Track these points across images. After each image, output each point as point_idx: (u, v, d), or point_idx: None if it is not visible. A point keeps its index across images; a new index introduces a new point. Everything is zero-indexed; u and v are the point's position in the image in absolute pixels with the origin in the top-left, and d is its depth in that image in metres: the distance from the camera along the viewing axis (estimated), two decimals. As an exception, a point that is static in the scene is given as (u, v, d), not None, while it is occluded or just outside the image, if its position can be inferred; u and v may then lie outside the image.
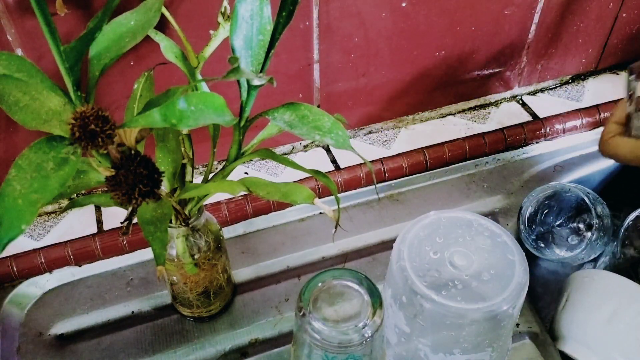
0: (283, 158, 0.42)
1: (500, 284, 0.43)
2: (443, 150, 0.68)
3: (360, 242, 0.63)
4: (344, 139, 0.38)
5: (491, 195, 0.68)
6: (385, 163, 0.66)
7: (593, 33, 0.75)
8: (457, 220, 0.47)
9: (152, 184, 0.34)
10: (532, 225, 0.64)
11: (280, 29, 0.37)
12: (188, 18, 0.53)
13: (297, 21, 0.57)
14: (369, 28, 0.61)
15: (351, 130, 0.71)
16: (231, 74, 0.33)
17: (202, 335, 0.54)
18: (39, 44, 0.50)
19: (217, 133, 0.46)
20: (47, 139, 0.32)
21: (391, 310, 0.46)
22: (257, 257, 0.61)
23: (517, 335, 0.54)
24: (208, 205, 0.61)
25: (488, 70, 0.72)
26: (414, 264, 0.44)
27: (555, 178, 0.70)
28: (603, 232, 0.60)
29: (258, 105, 0.41)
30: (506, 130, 0.71)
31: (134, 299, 0.57)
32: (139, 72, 0.46)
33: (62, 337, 0.55)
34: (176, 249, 0.48)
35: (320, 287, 0.42)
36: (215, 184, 0.43)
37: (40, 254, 0.57)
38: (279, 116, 0.39)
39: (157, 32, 0.43)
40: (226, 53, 0.38)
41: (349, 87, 0.66)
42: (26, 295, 0.57)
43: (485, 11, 0.65)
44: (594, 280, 0.53)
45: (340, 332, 0.39)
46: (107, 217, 0.62)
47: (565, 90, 0.79)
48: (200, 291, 0.52)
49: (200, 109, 0.32)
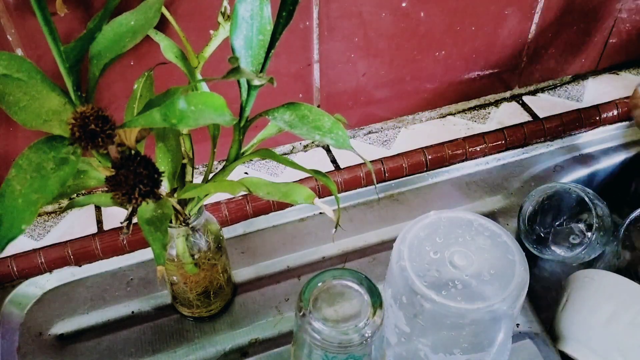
0: (283, 158, 0.42)
1: (500, 284, 0.43)
2: (443, 150, 0.68)
3: (360, 242, 0.63)
4: (344, 139, 0.38)
5: (491, 195, 0.68)
6: (385, 163, 0.66)
7: (593, 33, 0.75)
8: (457, 220, 0.47)
9: (152, 184, 0.34)
10: (532, 225, 0.64)
11: (280, 29, 0.37)
12: (188, 18, 0.53)
13: (297, 21, 0.57)
14: (369, 28, 0.61)
15: (351, 130, 0.71)
16: (231, 74, 0.33)
17: (202, 335, 0.54)
18: (39, 44, 0.50)
19: (217, 133, 0.46)
20: (47, 139, 0.32)
21: (391, 310, 0.46)
22: (257, 257, 0.61)
23: (517, 335, 0.54)
24: (208, 205, 0.61)
25: (488, 70, 0.72)
26: (414, 264, 0.44)
27: (555, 178, 0.70)
28: (603, 232, 0.60)
29: (258, 105, 0.41)
30: (506, 130, 0.71)
31: (134, 299, 0.57)
32: (139, 72, 0.46)
33: (62, 337, 0.55)
34: (176, 249, 0.48)
35: (320, 287, 0.42)
36: (215, 184, 0.43)
37: (40, 254, 0.57)
38: (279, 116, 0.39)
39: (157, 32, 0.43)
40: (226, 53, 0.38)
41: (349, 87, 0.66)
42: (26, 295, 0.57)
43: (485, 11, 0.65)
44: (594, 280, 0.53)
45: (340, 332, 0.39)
46: (107, 217, 0.62)
47: (565, 90, 0.79)
48: (200, 291, 0.52)
49: (200, 109, 0.32)
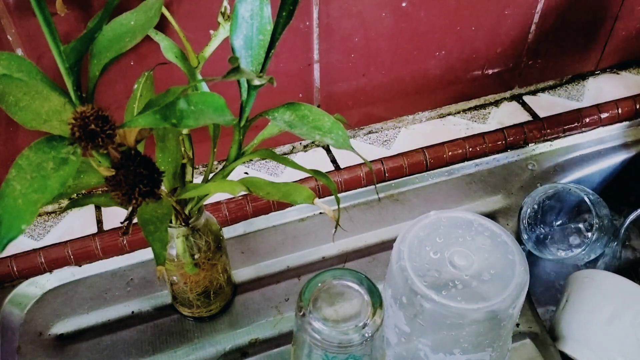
0: (283, 158, 0.42)
1: (500, 284, 0.43)
2: (443, 150, 0.68)
3: (360, 242, 0.63)
4: (344, 139, 0.38)
5: (491, 195, 0.68)
6: (385, 163, 0.66)
7: (593, 33, 0.75)
8: (457, 220, 0.47)
9: (152, 184, 0.34)
10: (532, 225, 0.64)
11: (280, 29, 0.37)
12: (188, 18, 0.53)
13: (297, 21, 0.57)
14: (369, 28, 0.61)
15: (351, 130, 0.71)
16: (231, 74, 0.33)
17: (202, 335, 0.54)
18: (39, 44, 0.50)
19: (217, 133, 0.46)
20: (47, 139, 0.32)
21: (391, 310, 0.46)
22: (257, 257, 0.61)
23: (517, 335, 0.54)
24: (208, 205, 0.61)
25: (488, 70, 0.72)
26: (414, 264, 0.44)
27: (555, 178, 0.70)
28: (603, 232, 0.60)
29: (258, 105, 0.41)
30: (506, 130, 0.71)
31: (134, 299, 0.57)
32: (139, 72, 0.46)
33: (62, 337, 0.55)
34: (176, 249, 0.48)
35: (320, 287, 0.42)
36: (215, 184, 0.43)
37: (40, 254, 0.57)
38: (279, 116, 0.39)
39: (157, 32, 0.43)
40: (226, 53, 0.38)
41: (349, 87, 0.66)
42: (26, 295, 0.57)
43: (485, 11, 0.65)
44: (594, 280, 0.53)
45: (340, 332, 0.39)
46: (107, 217, 0.62)
47: (565, 90, 0.79)
48: (200, 291, 0.52)
49: (200, 109, 0.32)
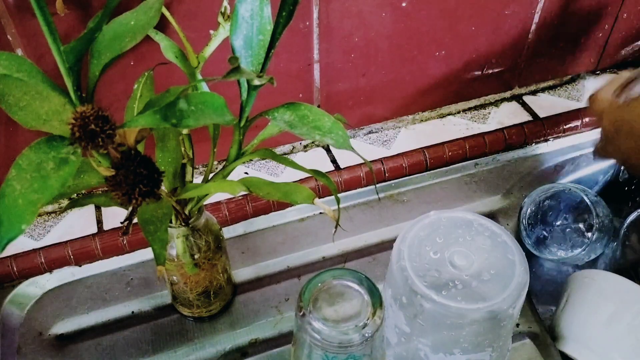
0: (283, 158, 0.42)
1: (500, 284, 0.43)
2: (443, 150, 0.68)
3: (360, 242, 0.63)
4: (344, 139, 0.38)
5: (491, 195, 0.68)
6: (385, 163, 0.66)
7: (593, 33, 0.75)
8: (457, 220, 0.47)
9: (152, 184, 0.34)
10: (532, 225, 0.64)
11: (280, 29, 0.37)
12: (188, 18, 0.53)
13: (297, 21, 0.57)
14: (369, 28, 0.61)
15: (351, 130, 0.71)
16: (231, 74, 0.33)
17: (202, 335, 0.54)
18: (39, 44, 0.50)
19: (217, 133, 0.46)
20: (47, 139, 0.32)
21: (391, 310, 0.46)
22: (257, 257, 0.61)
23: (517, 335, 0.54)
24: (208, 205, 0.61)
25: (488, 70, 0.72)
26: (414, 264, 0.44)
27: (555, 178, 0.70)
28: (603, 232, 0.60)
29: (258, 105, 0.41)
30: (506, 130, 0.71)
31: (134, 299, 0.57)
32: (139, 72, 0.46)
33: (62, 337, 0.55)
34: (176, 249, 0.48)
35: (320, 287, 0.42)
36: (215, 184, 0.43)
37: (40, 254, 0.57)
38: (279, 116, 0.39)
39: (157, 32, 0.43)
40: (226, 53, 0.38)
41: (349, 87, 0.66)
42: (26, 295, 0.57)
43: (485, 11, 0.65)
44: (594, 280, 0.53)
45: (340, 332, 0.39)
46: (107, 217, 0.62)
47: (565, 90, 0.78)
48: (200, 291, 0.52)
49: (200, 109, 0.32)
